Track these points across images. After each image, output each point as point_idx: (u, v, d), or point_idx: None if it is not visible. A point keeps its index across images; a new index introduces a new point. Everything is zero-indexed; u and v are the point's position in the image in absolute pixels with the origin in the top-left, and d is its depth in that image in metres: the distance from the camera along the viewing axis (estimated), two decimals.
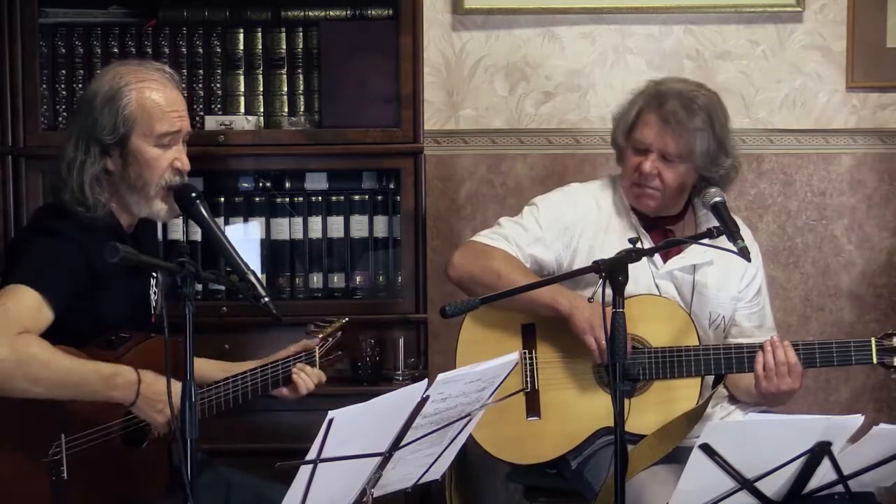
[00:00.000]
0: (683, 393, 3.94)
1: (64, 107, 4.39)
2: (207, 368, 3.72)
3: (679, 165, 3.95)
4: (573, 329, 3.91)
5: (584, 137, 4.87)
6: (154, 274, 3.65)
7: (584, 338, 3.90)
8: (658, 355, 3.93)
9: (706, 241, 3.82)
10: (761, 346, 3.90)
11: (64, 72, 4.40)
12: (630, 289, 3.85)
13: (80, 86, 4.37)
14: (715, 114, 3.97)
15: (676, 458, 3.70)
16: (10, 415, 3.34)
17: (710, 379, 4.03)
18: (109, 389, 3.38)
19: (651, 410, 3.93)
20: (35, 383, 3.30)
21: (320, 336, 3.77)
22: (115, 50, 4.39)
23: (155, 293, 3.66)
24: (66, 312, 3.42)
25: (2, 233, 4.25)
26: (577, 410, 3.97)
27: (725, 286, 4.06)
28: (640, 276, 3.96)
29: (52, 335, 3.41)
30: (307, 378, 3.68)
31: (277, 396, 3.70)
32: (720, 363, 3.93)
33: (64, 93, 4.40)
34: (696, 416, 3.81)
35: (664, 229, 4.05)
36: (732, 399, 4.05)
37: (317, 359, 3.72)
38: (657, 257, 4.01)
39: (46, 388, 3.31)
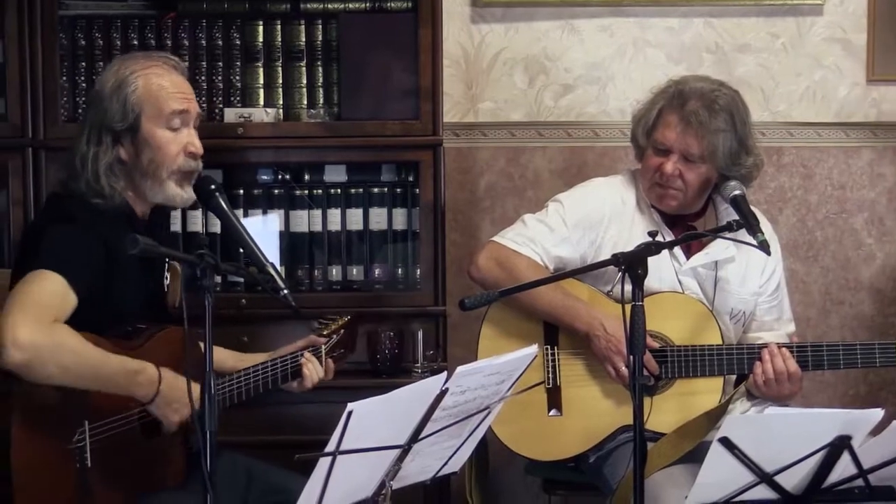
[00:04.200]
0: (705, 392, 3.93)
1: (83, 99, 4.39)
2: (222, 357, 3.73)
3: (701, 166, 3.93)
4: (593, 352, 3.93)
5: (604, 130, 4.87)
6: (167, 263, 3.66)
7: (603, 365, 3.91)
8: (680, 354, 3.92)
9: (726, 234, 3.82)
10: (759, 356, 3.89)
11: (84, 64, 4.41)
12: (653, 285, 3.86)
13: None
14: (737, 113, 3.95)
15: (694, 457, 3.69)
16: (37, 401, 3.35)
17: (733, 377, 4.02)
18: (132, 386, 3.39)
19: (672, 409, 3.92)
20: (65, 372, 3.31)
21: (325, 332, 3.77)
22: (135, 42, 4.40)
23: (167, 283, 3.67)
24: (83, 301, 3.44)
25: (21, 223, 4.26)
26: (598, 407, 3.97)
27: (747, 282, 4.05)
28: (664, 272, 3.95)
29: (70, 322, 3.42)
30: (314, 370, 3.68)
31: (286, 390, 3.71)
32: (743, 362, 3.92)
33: (84, 85, 4.40)
34: (717, 414, 3.80)
35: (686, 225, 4.03)
36: (750, 395, 4.04)
37: (323, 354, 3.73)
38: (680, 254, 4.00)
39: (73, 378, 3.32)
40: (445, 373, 3.04)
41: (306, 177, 4.51)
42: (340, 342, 3.81)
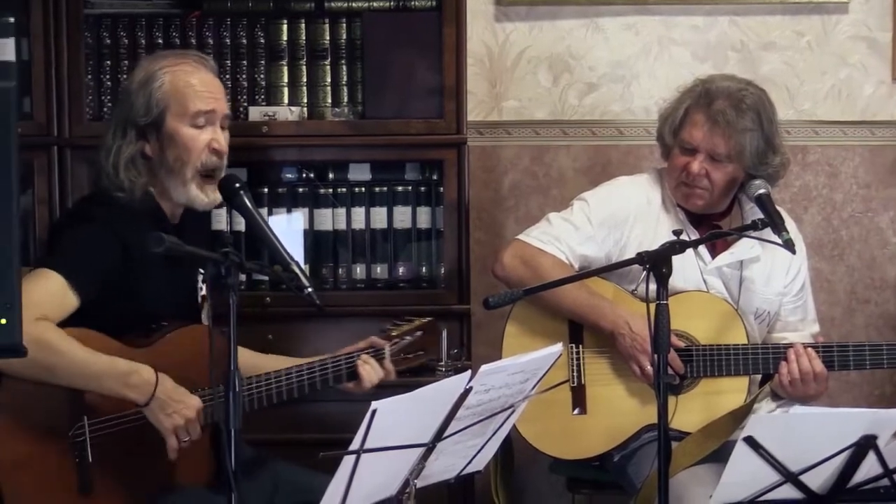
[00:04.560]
0: (730, 391, 3.92)
1: (109, 97, 4.40)
2: (272, 365, 3.69)
3: (727, 165, 3.92)
4: (618, 351, 3.92)
5: (628, 129, 4.86)
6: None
7: (628, 363, 3.91)
8: (706, 353, 3.91)
9: (751, 232, 3.81)
10: (785, 356, 3.88)
11: (108, 63, 4.41)
12: (678, 285, 3.86)
13: (125, 76, 4.38)
14: (764, 112, 3.94)
15: (719, 456, 3.68)
16: (21, 395, 3.36)
17: (759, 377, 4.01)
18: (124, 388, 3.39)
19: (697, 409, 3.91)
20: (50, 371, 3.32)
21: (394, 333, 3.73)
22: (160, 41, 4.40)
23: (202, 284, 3.67)
24: (105, 300, 3.45)
25: (47, 222, 4.27)
26: (623, 406, 3.96)
27: (772, 282, 4.04)
28: (689, 271, 3.94)
29: (95, 323, 3.44)
30: (371, 370, 3.65)
31: (343, 389, 3.68)
32: (768, 362, 3.91)
33: (109, 84, 4.41)
34: (742, 414, 3.79)
35: (711, 224, 4.02)
36: (775, 395, 4.02)
37: (387, 355, 3.69)
38: (705, 253, 3.99)
39: (62, 378, 3.33)
40: (469, 371, 3.04)
41: (330, 175, 4.51)
42: (416, 344, 3.75)
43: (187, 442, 3.43)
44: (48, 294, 3.37)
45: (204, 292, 3.62)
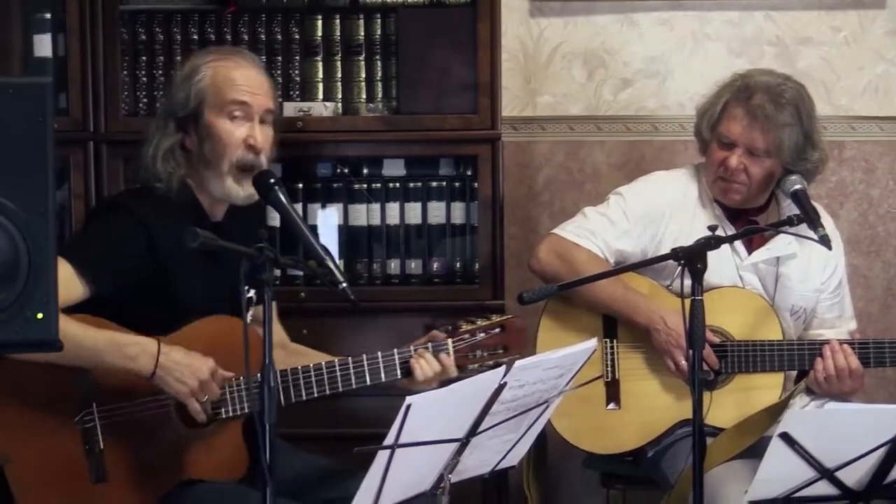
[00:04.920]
0: (765, 387, 3.91)
1: (144, 93, 4.42)
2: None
3: (766, 160, 3.91)
4: (653, 346, 3.92)
5: (663, 124, 4.85)
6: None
7: (663, 359, 3.90)
8: (741, 349, 3.90)
9: (787, 228, 3.79)
10: (821, 352, 3.86)
11: (144, 58, 4.43)
12: (714, 280, 3.85)
13: (160, 72, 4.41)
14: (803, 107, 3.93)
15: (754, 452, 3.67)
16: (39, 377, 3.37)
17: (794, 373, 3.99)
18: (126, 360, 3.38)
19: (731, 404, 3.90)
20: None
21: (463, 329, 3.64)
22: (195, 36, 4.41)
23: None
24: (135, 293, 3.45)
25: (83, 217, 4.28)
26: (657, 401, 3.95)
27: (808, 278, 4.02)
28: (725, 267, 3.93)
29: (128, 318, 3.44)
30: (425, 365, 3.55)
31: (400, 386, 3.57)
32: (804, 358, 3.89)
33: (144, 79, 4.43)
34: (777, 410, 3.77)
35: (748, 220, 4.01)
36: (810, 391, 4.01)
37: (450, 350, 3.61)
38: (741, 249, 3.98)
39: (60, 354, 3.24)
40: (504, 367, 3.04)
41: (365, 171, 4.52)
42: (495, 341, 3.64)
43: (207, 404, 3.42)
44: None
45: (251, 294, 3.59)
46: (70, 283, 3.35)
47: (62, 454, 3.40)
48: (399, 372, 3.56)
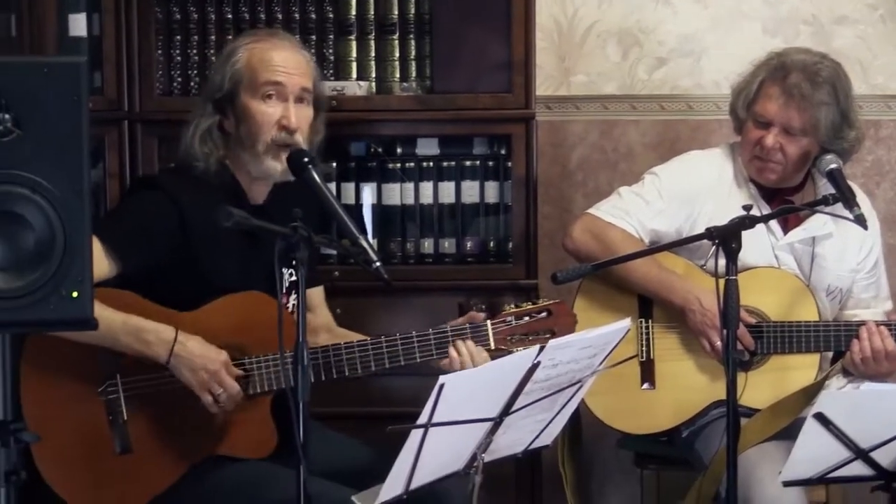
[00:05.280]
0: (801, 368, 3.90)
1: (178, 72, 4.42)
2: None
3: (802, 139, 3.89)
4: (688, 326, 3.91)
5: (698, 103, 4.83)
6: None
7: (698, 339, 3.89)
8: (776, 329, 3.89)
9: (823, 208, 3.78)
10: (857, 333, 3.84)
11: (178, 38, 4.43)
12: (749, 260, 3.84)
13: (195, 51, 4.41)
14: (840, 86, 3.91)
15: (789, 433, 3.66)
16: (63, 351, 3.38)
17: (830, 354, 3.98)
18: (141, 345, 3.40)
19: (766, 385, 3.89)
20: None
21: (505, 310, 3.61)
22: (229, 16, 4.41)
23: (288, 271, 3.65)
24: (167, 271, 3.47)
25: (118, 196, 4.30)
26: (692, 381, 3.94)
27: (844, 258, 4.00)
28: (760, 247, 3.92)
29: (161, 296, 3.46)
30: (466, 354, 3.53)
31: (436, 367, 3.55)
32: (840, 339, 3.88)
33: (178, 59, 4.43)
34: (813, 391, 3.76)
35: (783, 200, 3.99)
36: (846, 372, 3.99)
37: (490, 335, 3.61)
38: (777, 229, 3.97)
39: (78, 333, 3.29)
40: (538, 346, 3.04)
41: (399, 150, 4.52)
42: (542, 324, 3.61)
43: (224, 398, 3.42)
44: None
45: (294, 277, 3.58)
46: (98, 261, 3.33)
47: (86, 425, 3.42)
48: (435, 353, 3.56)
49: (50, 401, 3.41)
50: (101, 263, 3.38)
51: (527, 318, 3.62)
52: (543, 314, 3.64)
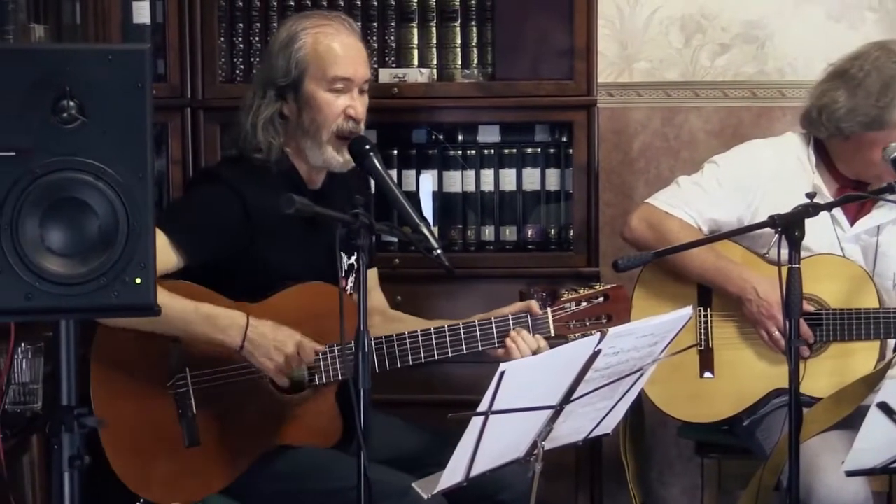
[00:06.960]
0: (861, 356, 3.87)
1: (241, 59, 4.45)
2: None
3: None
4: (745, 315, 3.89)
5: (761, 90, 4.80)
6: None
7: (755, 329, 3.88)
8: (836, 317, 3.86)
9: (886, 195, 3.74)
10: None
11: (241, 25, 4.46)
12: (813, 251, 3.81)
13: (257, 39, 4.43)
14: None
15: (851, 422, 3.64)
16: (132, 346, 3.42)
17: (892, 342, 3.95)
18: (215, 331, 3.41)
19: (826, 373, 3.86)
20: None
21: (564, 297, 3.61)
22: (291, 3, 4.43)
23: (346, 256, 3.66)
24: (231, 263, 3.48)
25: (181, 183, 4.33)
26: (751, 370, 3.93)
27: None
28: (826, 239, 3.89)
29: (224, 288, 3.47)
30: (522, 344, 3.53)
31: (493, 356, 3.55)
32: None
33: (241, 46, 4.46)
34: (875, 380, 3.74)
35: (852, 188, 3.96)
36: None
37: (550, 322, 3.60)
38: (844, 221, 3.94)
39: (147, 322, 3.28)
40: (599, 334, 3.03)
41: (460, 137, 4.52)
42: (599, 309, 3.62)
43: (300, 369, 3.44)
44: None
45: (352, 261, 3.60)
46: (164, 254, 3.35)
47: (155, 418, 3.44)
48: (496, 342, 3.55)
49: (119, 395, 3.44)
50: (168, 256, 3.40)
51: (585, 304, 3.63)
52: (600, 299, 3.64)
